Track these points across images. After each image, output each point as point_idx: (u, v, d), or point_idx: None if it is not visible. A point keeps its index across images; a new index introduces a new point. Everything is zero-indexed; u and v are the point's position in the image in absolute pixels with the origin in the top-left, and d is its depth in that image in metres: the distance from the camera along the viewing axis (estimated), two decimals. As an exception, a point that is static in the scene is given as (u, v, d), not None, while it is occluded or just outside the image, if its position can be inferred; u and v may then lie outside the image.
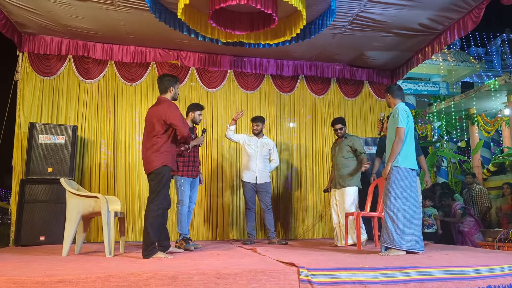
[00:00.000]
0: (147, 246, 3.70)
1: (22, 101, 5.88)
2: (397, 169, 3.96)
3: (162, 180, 3.80)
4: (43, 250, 4.53)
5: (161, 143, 3.82)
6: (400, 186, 3.92)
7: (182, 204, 4.88)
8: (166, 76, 4.09)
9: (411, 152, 4.04)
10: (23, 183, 5.31)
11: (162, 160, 3.80)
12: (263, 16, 5.00)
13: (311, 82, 7.13)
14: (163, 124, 3.81)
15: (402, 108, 4.11)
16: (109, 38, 6.06)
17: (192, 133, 5.11)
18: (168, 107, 3.86)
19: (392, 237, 3.83)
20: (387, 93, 4.31)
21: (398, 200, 3.88)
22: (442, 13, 5.17)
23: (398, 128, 3.99)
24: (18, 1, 4.91)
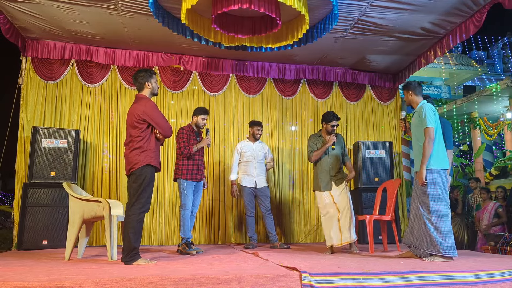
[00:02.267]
0: (128, 252, 3.58)
1: (26, 105, 5.91)
2: (430, 171, 3.84)
3: (144, 182, 3.67)
4: (45, 254, 4.54)
5: (143, 141, 3.70)
6: (435, 188, 3.79)
7: (185, 208, 4.87)
8: (139, 72, 3.94)
9: (442, 152, 3.92)
10: (26, 187, 5.32)
11: (145, 160, 3.68)
12: (266, 20, 5.02)
13: (313, 85, 7.14)
14: (143, 122, 3.70)
15: (429, 106, 3.98)
16: (112, 43, 6.09)
17: (197, 137, 5.13)
18: (145, 105, 3.74)
19: (437, 243, 3.69)
20: (408, 90, 4.14)
21: (438, 204, 3.76)
22: (444, 17, 5.18)
23: (427, 128, 3.85)
24: (22, 6, 4.94)
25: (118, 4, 4.90)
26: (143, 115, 3.70)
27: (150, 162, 3.70)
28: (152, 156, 3.73)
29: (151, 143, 3.76)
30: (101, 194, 5.99)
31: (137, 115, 3.70)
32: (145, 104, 3.76)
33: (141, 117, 3.70)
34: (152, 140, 3.77)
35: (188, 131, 5.03)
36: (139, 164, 3.67)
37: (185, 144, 4.90)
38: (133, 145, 3.71)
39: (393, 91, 7.40)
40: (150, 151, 3.73)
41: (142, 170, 3.67)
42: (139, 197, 3.65)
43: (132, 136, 3.73)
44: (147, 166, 3.69)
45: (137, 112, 3.71)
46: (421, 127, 3.95)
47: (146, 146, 3.71)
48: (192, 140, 5.00)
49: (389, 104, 7.37)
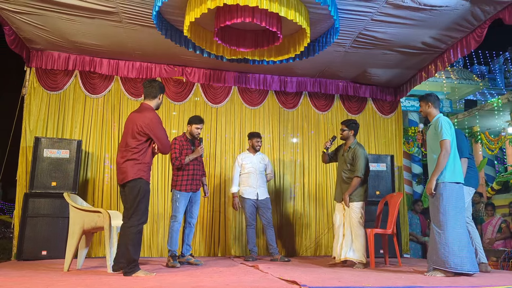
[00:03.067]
0: (128, 263, 3.56)
1: (29, 116, 5.94)
2: (444, 185, 3.79)
3: (140, 193, 3.63)
4: (45, 265, 4.52)
5: (139, 154, 3.65)
6: (450, 202, 3.73)
7: (175, 220, 4.81)
8: (157, 82, 3.88)
9: (457, 165, 3.88)
10: (26, 197, 5.32)
11: (139, 173, 3.64)
12: (268, 33, 5.07)
13: (315, 98, 7.17)
14: (144, 135, 3.65)
15: (445, 119, 3.96)
16: (115, 54, 6.14)
17: (192, 145, 5.10)
18: (151, 119, 3.67)
19: (442, 257, 3.63)
20: (427, 102, 4.11)
21: (448, 218, 3.70)
22: (445, 32, 5.23)
23: (444, 141, 3.83)
24: (27, 17, 5.00)
25: (122, 16, 4.95)
26: (147, 128, 3.64)
27: (143, 176, 3.67)
28: (145, 170, 3.69)
29: (147, 156, 3.71)
30: (101, 204, 5.99)
31: (140, 126, 3.64)
32: (151, 117, 3.69)
33: (144, 129, 3.64)
34: (148, 153, 3.73)
35: (181, 141, 4.97)
36: (132, 176, 3.63)
37: (176, 155, 4.85)
38: (128, 155, 3.65)
39: (395, 104, 7.42)
40: (144, 165, 3.68)
41: (136, 183, 3.64)
42: (136, 209, 3.62)
43: (128, 145, 3.67)
44: (140, 178, 3.65)
45: (141, 123, 3.65)
46: (436, 139, 3.93)
47: (141, 159, 3.66)
48: (185, 151, 4.94)
49: (390, 117, 7.38)
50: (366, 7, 4.66)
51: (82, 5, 4.67)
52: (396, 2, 4.53)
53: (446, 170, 3.82)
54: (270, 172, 5.91)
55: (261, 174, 5.72)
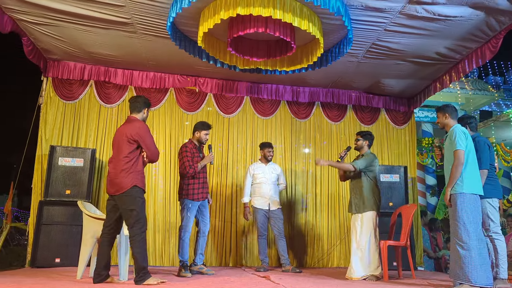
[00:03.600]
0: (138, 272, 3.61)
1: (45, 124, 6.03)
2: (463, 196, 3.72)
3: (136, 202, 3.71)
4: (58, 272, 4.56)
5: (131, 163, 3.73)
6: (468, 214, 3.67)
7: (186, 230, 4.79)
8: (142, 97, 4.07)
9: (475, 176, 3.81)
10: (41, 205, 5.38)
11: (132, 181, 3.71)
12: (280, 43, 5.09)
13: (327, 108, 7.15)
14: (133, 143, 3.75)
15: (460, 129, 3.91)
16: (130, 64, 6.23)
17: (200, 153, 5.09)
18: (140, 127, 3.82)
19: (465, 271, 3.56)
20: (444, 113, 4.06)
21: (468, 230, 3.63)
22: (460, 43, 5.18)
23: (457, 151, 3.77)
24: (45, 28, 5.10)
25: (136, 27, 5.03)
26: (136, 135, 3.75)
27: (137, 184, 3.74)
28: (138, 178, 3.77)
29: (139, 165, 3.81)
30: (114, 213, 6.01)
31: (130, 135, 3.75)
32: (139, 125, 3.83)
33: (133, 137, 3.75)
34: (139, 162, 3.82)
35: (192, 148, 4.94)
36: (126, 185, 3.70)
37: (190, 163, 4.80)
38: (120, 166, 3.74)
39: (408, 115, 7.36)
40: (137, 173, 3.76)
41: (131, 191, 3.70)
42: (137, 218, 3.68)
43: (120, 155, 3.76)
44: (135, 187, 3.72)
45: (130, 132, 3.76)
46: (452, 150, 3.87)
47: (133, 168, 3.74)
48: (196, 158, 4.91)
49: (404, 128, 7.32)
50: (380, 18, 4.66)
51: (98, 16, 4.75)
52: (410, 13, 4.52)
53: (463, 181, 3.76)
54: (282, 182, 5.90)
55: (273, 184, 5.70)
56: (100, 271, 3.71)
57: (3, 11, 4.67)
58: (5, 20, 4.72)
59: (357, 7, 4.44)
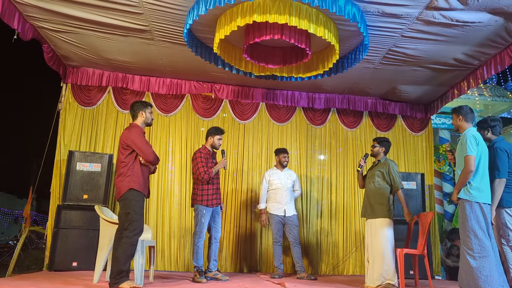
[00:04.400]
0: (116, 274, 3.60)
1: (63, 130, 6.14)
2: (470, 205, 3.65)
3: (131, 205, 3.74)
4: (75, 276, 4.61)
5: (127, 167, 3.82)
6: (476, 223, 3.59)
7: (199, 236, 4.79)
8: (136, 103, 4.16)
9: (485, 184, 3.71)
10: (59, 209, 5.46)
11: (128, 184, 3.77)
12: (296, 50, 5.10)
13: (343, 115, 7.12)
14: (127, 147, 3.84)
15: (471, 134, 3.80)
16: (147, 71, 6.31)
17: (213, 159, 5.10)
18: (131, 131, 3.89)
19: (477, 281, 3.48)
20: (459, 114, 3.95)
21: (479, 239, 3.56)
22: (478, 49, 5.12)
23: (467, 157, 3.67)
24: (65, 36, 5.21)
25: (154, 34, 5.10)
26: (127, 140, 3.84)
27: (133, 187, 3.79)
28: (135, 180, 3.81)
29: (135, 168, 3.86)
30: (130, 218, 6.07)
31: (123, 141, 3.86)
32: (131, 130, 3.92)
33: (125, 142, 3.84)
34: (136, 165, 3.87)
35: (206, 154, 4.95)
36: (123, 189, 3.78)
37: (205, 169, 4.81)
38: (118, 171, 3.86)
39: (425, 122, 7.28)
40: (133, 176, 3.82)
41: (127, 195, 3.76)
42: (131, 221, 3.71)
43: (118, 161, 3.89)
44: (131, 190, 3.77)
45: (123, 137, 3.88)
46: (462, 155, 3.79)
47: (129, 172, 3.82)
48: (210, 164, 4.93)
49: (420, 134, 7.24)
50: (396, 24, 4.63)
51: (117, 23, 4.83)
52: (427, 18, 4.48)
53: (471, 189, 3.68)
54: (298, 188, 5.88)
55: (289, 191, 5.68)
56: None
57: (25, 19, 4.78)
58: (27, 28, 4.83)
59: (373, 13, 4.42)
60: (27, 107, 28.34)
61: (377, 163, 4.94)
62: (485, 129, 4.24)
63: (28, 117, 28.33)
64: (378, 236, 4.59)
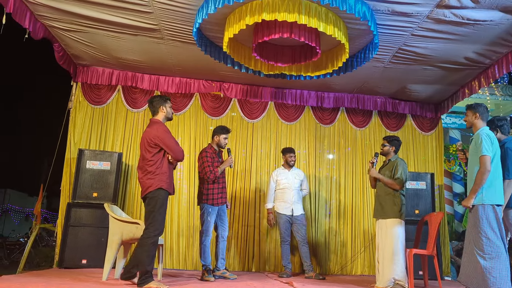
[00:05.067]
0: (141, 274, 3.62)
1: (74, 128, 6.19)
2: (483, 207, 3.61)
3: (157, 205, 3.73)
4: (84, 273, 4.64)
5: (155, 166, 3.78)
6: (489, 224, 3.55)
7: (206, 235, 4.79)
8: (155, 97, 4.10)
9: (498, 185, 3.66)
10: (69, 207, 5.51)
11: (157, 183, 3.75)
12: (305, 49, 5.09)
13: (352, 114, 7.09)
14: (155, 146, 3.79)
15: (485, 133, 3.74)
16: (156, 70, 6.33)
17: (219, 158, 5.11)
18: (158, 129, 3.85)
19: (487, 282, 3.45)
20: (475, 112, 3.88)
21: (491, 241, 3.52)
22: (489, 47, 5.06)
23: (483, 157, 3.61)
24: (75, 35, 5.25)
25: (163, 33, 5.11)
26: (155, 139, 3.79)
27: (162, 186, 3.78)
28: (163, 179, 3.80)
29: (163, 167, 3.83)
30: (139, 216, 6.10)
31: (150, 139, 3.80)
32: (157, 128, 3.87)
33: (153, 141, 3.79)
34: (164, 164, 3.85)
35: (212, 153, 4.95)
36: (152, 187, 3.75)
37: (210, 168, 4.82)
38: (146, 169, 3.80)
39: (435, 121, 7.21)
40: (162, 175, 3.80)
41: (155, 193, 3.75)
42: (153, 220, 3.71)
43: (144, 160, 3.82)
44: (159, 189, 3.76)
45: (150, 136, 3.82)
46: (476, 154, 3.74)
47: (158, 170, 3.79)
48: (216, 163, 4.94)
49: (430, 134, 7.18)
50: (406, 22, 4.59)
51: (127, 22, 4.85)
52: (437, 17, 4.44)
53: (484, 190, 3.63)
54: (305, 187, 5.87)
55: (296, 190, 5.67)
56: (130, 269, 3.78)
57: (36, 18, 4.83)
58: (38, 27, 4.88)
59: (383, 11, 4.39)
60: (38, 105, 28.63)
61: (387, 163, 4.90)
62: (494, 130, 4.15)
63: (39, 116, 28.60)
64: (389, 237, 4.55)
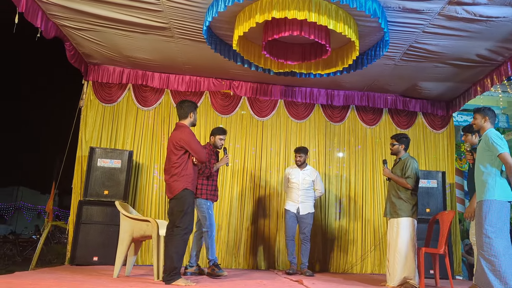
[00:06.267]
0: (169, 271, 3.70)
1: (85, 127, 6.25)
2: (489, 202, 3.58)
3: (186, 203, 3.84)
4: (96, 270, 4.69)
5: (180, 168, 3.88)
6: (494, 221, 3.51)
7: (211, 229, 4.82)
8: (186, 102, 4.17)
9: (505, 181, 3.64)
10: (81, 204, 5.56)
11: (183, 185, 3.85)
12: (315, 46, 5.07)
13: (362, 112, 7.05)
14: (180, 149, 3.88)
15: (494, 133, 3.75)
16: (166, 68, 6.36)
17: (216, 156, 5.10)
18: (183, 132, 3.94)
19: (490, 281, 3.42)
20: (484, 115, 3.88)
21: (493, 239, 3.48)
22: (502, 44, 4.99)
23: (502, 155, 3.57)
24: (86, 34, 5.29)
25: (174, 31, 5.13)
26: (181, 141, 3.89)
27: (188, 187, 3.88)
28: (189, 181, 3.91)
29: (189, 168, 3.94)
30: (150, 213, 6.15)
31: (176, 142, 3.91)
32: (184, 132, 3.96)
33: (179, 143, 3.89)
34: (189, 165, 3.95)
35: (210, 150, 4.98)
36: (178, 188, 3.85)
37: (206, 164, 4.83)
38: (172, 171, 3.90)
39: (446, 119, 7.14)
40: (188, 176, 3.90)
41: (182, 194, 3.84)
42: (182, 219, 3.79)
43: (171, 162, 3.93)
44: (185, 190, 3.86)
45: (176, 139, 3.92)
46: (485, 153, 3.74)
47: (183, 172, 3.89)
48: (213, 160, 4.97)
49: (441, 132, 7.11)
50: (418, 19, 4.55)
51: (137, 21, 4.88)
52: (449, 14, 4.39)
53: (495, 187, 3.60)
54: (318, 188, 5.79)
55: (304, 190, 5.65)
56: None
57: (48, 18, 4.88)
58: (50, 26, 4.93)
59: (394, 8, 4.36)
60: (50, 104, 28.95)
61: (398, 161, 4.84)
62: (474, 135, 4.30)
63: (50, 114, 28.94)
64: (400, 236, 4.50)
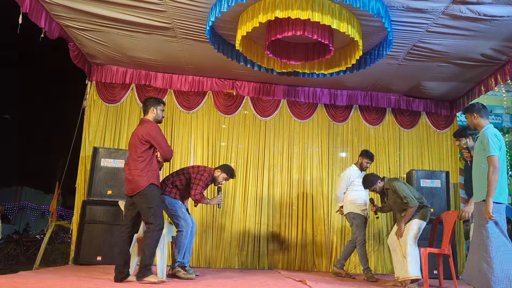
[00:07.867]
0: (141, 268, 3.68)
1: (88, 127, 6.26)
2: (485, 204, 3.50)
3: (154, 200, 3.79)
4: (99, 270, 4.70)
5: (145, 162, 3.82)
6: (492, 223, 3.46)
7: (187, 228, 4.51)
8: (149, 99, 4.16)
9: (503, 184, 3.57)
10: (84, 204, 5.57)
11: (148, 180, 3.78)
12: (318, 46, 5.06)
13: (366, 112, 7.03)
14: (145, 143, 3.83)
15: (492, 132, 3.64)
16: (169, 68, 6.37)
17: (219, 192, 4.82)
18: (150, 127, 3.89)
19: (488, 281, 3.38)
20: (472, 113, 3.79)
21: (490, 239, 3.44)
22: (507, 44, 4.97)
23: (491, 157, 3.50)
24: (90, 34, 5.30)
25: (177, 32, 5.14)
26: (147, 136, 3.84)
27: (153, 182, 3.82)
28: (154, 176, 3.85)
29: (154, 164, 3.89)
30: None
31: (141, 136, 3.84)
32: (149, 126, 3.91)
33: (144, 138, 3.83)
34: (153, 161, 3.90)
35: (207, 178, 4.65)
36: (143, 184, 3.77)
37: (201, 192, 4.57)
38: (135, 165, 3.82)
39: (450, 119, 7.12)
40: (152, 172, 3.85)
41: (148, 190, 3.78)
42: (154, 215, 3.75)
43: (133, 156, 3.85)
44: (151, 185, 3.80)
45: (141, 133, 3.86)
46: (481, 153, 3.65)
47: (148, 167, 3.83)
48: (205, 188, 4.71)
49: (445, 132, 7.09)
50: (421, 19, 4.54)
51: (140, 21, 4.89)
52: (453, 13, 4.37)
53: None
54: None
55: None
56: (121, 269, 3.76)
57: (52, 18, 4.89)
58: (53, 27, 4.94)
59: (397, 8, 4.35)
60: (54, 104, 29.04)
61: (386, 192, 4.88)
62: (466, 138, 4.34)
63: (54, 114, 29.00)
64: (409, 233, 4.56)
